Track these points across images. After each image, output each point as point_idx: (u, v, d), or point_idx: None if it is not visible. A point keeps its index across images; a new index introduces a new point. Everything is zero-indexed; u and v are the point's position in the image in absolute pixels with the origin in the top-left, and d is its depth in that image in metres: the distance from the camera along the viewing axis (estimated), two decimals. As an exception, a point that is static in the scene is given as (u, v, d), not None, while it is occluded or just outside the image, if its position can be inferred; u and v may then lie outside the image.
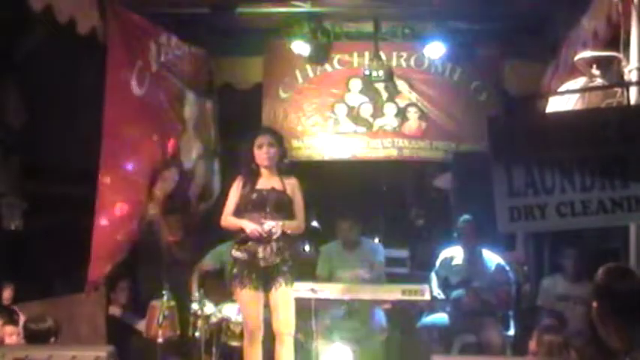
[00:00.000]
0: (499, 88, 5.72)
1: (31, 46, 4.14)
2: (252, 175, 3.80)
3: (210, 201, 5.64)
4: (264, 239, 3.65)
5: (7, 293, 3.99)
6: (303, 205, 3.83)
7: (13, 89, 4.29)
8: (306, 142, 5.85)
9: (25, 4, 3.25)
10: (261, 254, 3.66)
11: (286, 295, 3.68)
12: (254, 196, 3.74)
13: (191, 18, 5.03)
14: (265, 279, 3.68)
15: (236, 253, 3.73)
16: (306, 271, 4.52)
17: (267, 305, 3.74)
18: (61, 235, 4.55)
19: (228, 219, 3.81)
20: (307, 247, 5.41)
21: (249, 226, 3.68)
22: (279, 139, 3.87)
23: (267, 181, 3.78)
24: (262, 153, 3.77)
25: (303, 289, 4.17)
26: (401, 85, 5.81)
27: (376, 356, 4.65)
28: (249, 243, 3.69)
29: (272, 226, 3.62)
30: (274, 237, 3.64)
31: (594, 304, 2.15)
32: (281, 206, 3.72)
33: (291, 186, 3.81)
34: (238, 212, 3.78)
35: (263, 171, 3.80)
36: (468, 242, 4.75)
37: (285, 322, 3.66)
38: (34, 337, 3.71)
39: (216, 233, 5.15)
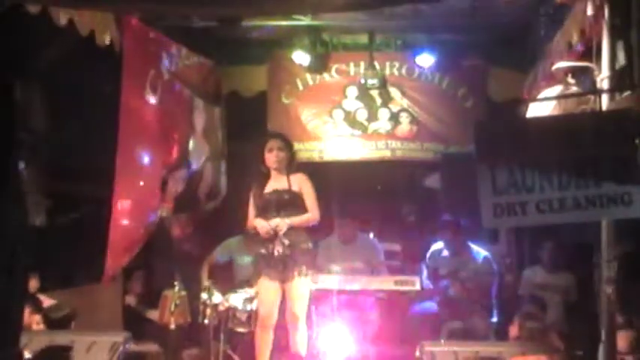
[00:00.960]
0: (483, 95, 5.77)
1: (53, 56, 4.18)
2: (262, 177, 3.84)
3: (218, 199, 5.68)
4: (272, 235, 3.71)
5: (33, 283, 4.02)
6: (314, 197, 3.82)
7: (38, 95, 4.31)
8: (306, 144, 5.89)
9: (50, 18, 3.29)
10: (276, 248, 3.71)
11: (298, 286, 3.71)
12: (260, 200, 3.80)
13: (200, 30, 5.06)
14: (281, 271, 3.72)
15: (259, 249, 3.80)
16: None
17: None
18: (82, 230, 4.57)
19: (252, 221, 3.86)
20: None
21: (259, 224, 3.76)
22: (288, 144, 3.91)
23: (274, 183, 3.82)
24: (272, 156, 3.80)
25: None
26: (394, 92, 5.86)
27: (371, 342, 4.69)
28: (266, 243, 3.75)
29: (277, 223, 3.68)
30: (280, 232, 3.68)
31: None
32: (284, 204, 3.75)
33: (298, 182, 3.80)
34: (256, 217, 3.84)
35: (272, 173, 3.83)
36: (448, 241, 4.81)
37: (295, 311, 3.70)
38: (53, 323, 3.75)
39: (223, 229, 5.20)
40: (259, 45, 5.68)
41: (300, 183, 3.82)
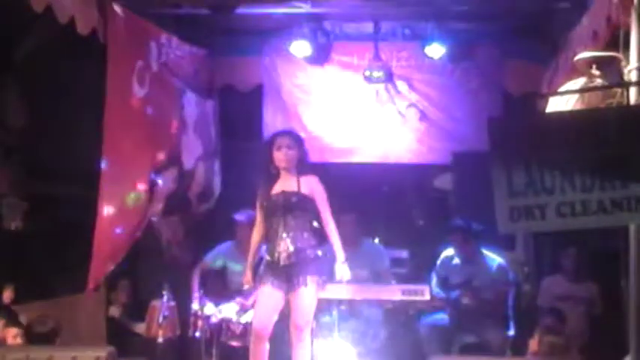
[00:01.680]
0: (499, 89, 5.70)
1: (31, 47, 4.13)
2: (270, 178, 3.78)
3: (211, 201, 5.64)
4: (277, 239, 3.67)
5: (8, 294, 3.97)
6: (328, 204, 3.75)
7: (14, 90, 4.28)
8: (305, 143, 5.81)
9: (25, 4, 3.24)
10: (281, 254, 3.65)
11: (304, 296, 3.64)
12: (266, 203, 3.75)
13: (191, 18, 5.02)
14: (286, 279, 3.67)
15: (264, 255, 3.77)
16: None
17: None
18: (61, 235, 4.54)
19: (259, 226, 3.82)
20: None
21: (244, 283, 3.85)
22: (298, 142, 3.84)
23: (282, 184, 3.75)
24: (281, 155, 3.74)
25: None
26: (401, 85, 5.79)
27: (376, 356, 4.64)
28: (271, 247, 3.70)
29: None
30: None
31: None
32: (291, 207, 3.68)
33: (308, 185, 3.73)
34: (263, 220, 3.79)
35: (282, 173, 3.78)
36: (460, 247, 4.75)
37: (299, 323, 3.64)
38: (37, 339, 3.69)
39: (217, 233, 5.16)
40: (255, 35, 5.63)
41: (312, 186, 3.75)
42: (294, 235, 3.65)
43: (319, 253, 3.74)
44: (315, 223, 5.56)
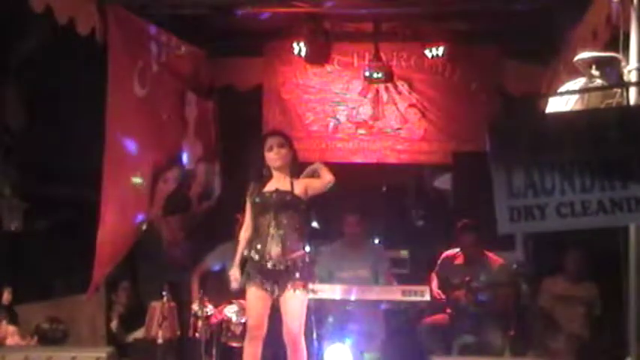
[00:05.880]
0: (499, 89, 5.71)
1: (31, 47, 4.14)
2: (262, 178, 3.77)
3: (211, 201, 5.64)
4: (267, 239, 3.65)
5: (6, 295, 3.96)
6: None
7: (14, 90, 4.28)
8: (305, 143, 5.83)
9: (25, 4, 3.24)
10: (270, 255, 3.64)
11: (293, 300, 3.60)
12: (258, 200, 3.72)
13: (191, 19, 5.02)
14: (275, 282, 3.64)
15: (249, 254, 3.72)
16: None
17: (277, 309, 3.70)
18: (61, 236, 4.53)
19: (248, 224, 3.78)
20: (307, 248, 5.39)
21: (232, 282, 3.77)
22: (289, 141, 3.84)
23: (275, 183, 3.74)
24: (273, 154, 3.73)
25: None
26: (401, 85, 5.81)
27: (376, 357, 4.63)
28: (259, 245, 3.68)
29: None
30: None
31: None
32: (284, 206, 3.67)
33: (300, 186, 3.72)
34: (253, 218, 3.77)
35: (274, 172, 3.77)
36: (469, 247, 4.74)
37: (291, 326, 3.61)
38: (49, 340, 3.69)
39: (217, 234, 5.16)
40: (255, 35, 5.62)
41: (304, 186, 3.74)
42: (285, 234, 3.61)
43: (307, 256, 3.72)
44: (315, 223, 5.56)
